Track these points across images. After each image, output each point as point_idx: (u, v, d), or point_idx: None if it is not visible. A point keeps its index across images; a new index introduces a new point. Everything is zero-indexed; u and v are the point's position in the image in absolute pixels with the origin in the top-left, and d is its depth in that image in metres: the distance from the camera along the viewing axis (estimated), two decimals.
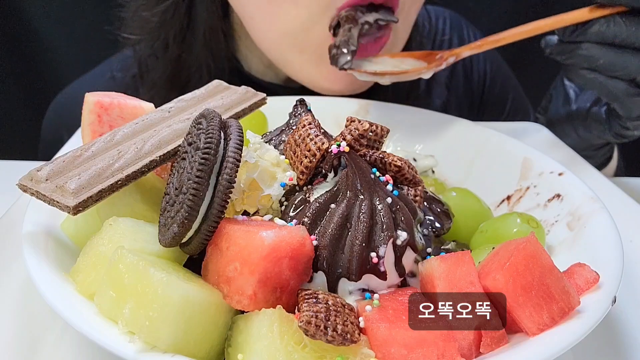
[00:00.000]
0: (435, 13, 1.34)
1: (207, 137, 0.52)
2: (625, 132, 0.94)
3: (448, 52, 0.90)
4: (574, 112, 1.04)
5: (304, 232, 0.53)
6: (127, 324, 0.47)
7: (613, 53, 0.81)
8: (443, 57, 0.89)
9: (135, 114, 0.67)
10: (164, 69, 1.10)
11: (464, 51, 0.90)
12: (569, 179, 0.74)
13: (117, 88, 1.14)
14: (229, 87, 0.72)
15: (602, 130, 0.98)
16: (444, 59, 0.89)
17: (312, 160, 0.59)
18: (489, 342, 0.50)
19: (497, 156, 0.84)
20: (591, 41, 0.81)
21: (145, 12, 1.06)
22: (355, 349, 0.48)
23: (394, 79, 0.87)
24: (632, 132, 0.94)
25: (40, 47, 1.79)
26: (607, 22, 0.79)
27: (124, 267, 0.48)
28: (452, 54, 0.90)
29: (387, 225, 0.55)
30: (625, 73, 0.82)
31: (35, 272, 0.53)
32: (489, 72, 1.32)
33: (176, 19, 1.05)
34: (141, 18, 1.07)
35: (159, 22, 1.06)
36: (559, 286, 0.51)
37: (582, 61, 0.83)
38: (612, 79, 0.83)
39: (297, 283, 0.53)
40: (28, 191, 0.56)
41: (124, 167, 0.57)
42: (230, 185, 0.52)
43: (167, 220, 0.52)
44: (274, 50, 0.98)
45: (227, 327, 0.51)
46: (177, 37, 1.06)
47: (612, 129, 0.96)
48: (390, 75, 0.86)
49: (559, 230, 0.69)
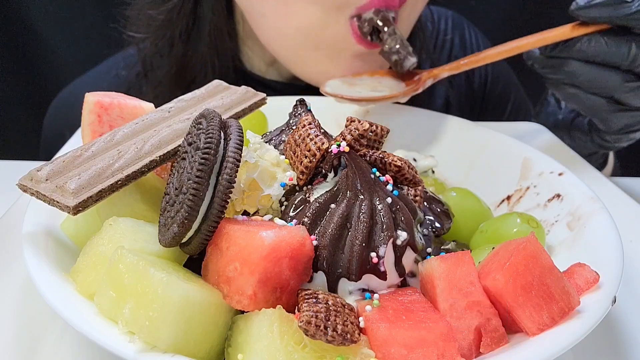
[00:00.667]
0: (438, 13, 1.34)
1: (207, 137, 0.52)
2: (606, 144, 0.96)
3: (427, 72, 0.91)
4: (560, 121, 1.06)
5: (304, 232, 0.53)
6: (127, 324, 0.47)
7: (594, 70, 0.82)
8: (421, 79, 0.89)
9: (135, 114, 0.67)
10: (169, 68, 1.10)
11: (443, 72, 0.90)
12: (569, 179, 0.74)
13: (121, 86, 1.15)
14: (229, 87, 0.72)
15: (585, 141, 1.00)
16: (422, 80, 0.89)
17: (312, 160, 0.59)
18: (489, 342, 0.50)
19: (497, 156, 0.84)
20: (573, 58, 0.82)
21: (151, 10, 1.06)
22: (355, 349, 0.48)
23: (371, 104, 0.89)
24: (613, 144, 0.95)
25: (40, 47, 1.79)
26: (588, 41, 0.80)
27: (124, 267, 0.48)
28: (431, 76, 0.90)
29: (387, 225, 0.55)
30: (605, 90, 0.83)
31: (35, 272, 0.53)
32: (490, 73, 1.33)
33: (182, 17, 1.05)
34: (147, 16, 1.07)
35: (164, 20, 1.06)
36: (559, 286, 0.51)
37: (564, 76, 0.84)
38: (592, 95, 0.85)
39: (297, 283, 0.53)
40: (28, 191, 0.56)
41: (124, 167, 0.57)
42: (230, 185, 0.52)
43: (167, 220, 0.52)
44: (285, 48, 0.98)
45: (227, 327, 0.51)
46: (183, 36, 1.07)
47: (593, 140, 0.97)
48: (367, 102, 0.87)
49: (559, 230, 0.69)
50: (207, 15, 1.04)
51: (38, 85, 1.82)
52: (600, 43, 0.80)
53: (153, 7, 1.06)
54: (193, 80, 1.10)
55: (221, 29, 1.06)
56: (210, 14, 1.04)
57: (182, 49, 1.08)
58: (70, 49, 1.79)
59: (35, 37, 1.77)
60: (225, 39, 1.07)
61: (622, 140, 0.94)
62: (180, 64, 1.09)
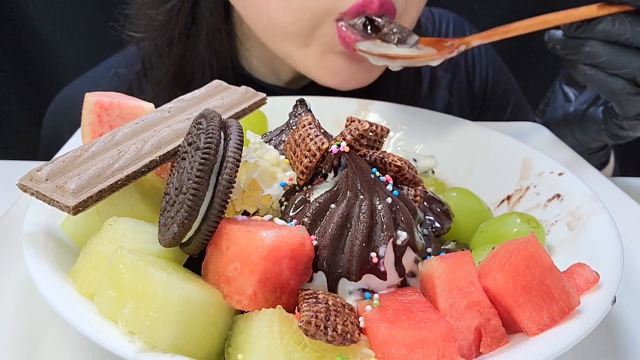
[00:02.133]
0: (439, 15, 1.34)
1: (207, 137, 0.52)
2: (621, 132, 0.95)
3: (458, 40, 0.90)
4: (571, 113, 1.05)
5: (304, 232, 0.53)
6: (127, 324, 0.47)
7: (616, 51, 0.82)
8: (454, 45, 0.88)
9: (135, 114, 0.67)
10: (168, 67, 1.11)
11: (474, 40, 0.89)
12: (569, 179, 0.74)
13: (121, 85, 1.16)
14: (229, 87, 0.72)
15: (598, 131, 0.99)
16: (454, 46, 0.88)
17: (312, 160, 0.59)
18: (489, 342, 0.50)
19: (497, 156, 0.84)
20: (596, 38, 0.82)
21: (151, 10, 1.07)
22: (355, 349, 0.48)
23: (406, 63, 0.86)
24: (628, 132, 0.95)
25: (40, 47, 1.79)
26: (612, 21, 0.80)
27: (124, 267, 0.48)
28: (463, 42, 0.89)
29: (387, 225, 0.55)
30: (626, 72, 0.83)
31: (35, 272, 0.53)
32: (491, 76, 1.33)
33: (181, 17, 1.06)
34: (146, 16, 1.08)
35: (164, 20, 1.07)
36: (559, 286, 0.51)
37: (585, 57, 0.84)
38: (612, 77, 0.85)
39: (297, 283, 0.53)
40: (28, 191, 0.56)
41: (124, 167, 0.57)
42: (230, 185, 0.52)
43: (167, 220, 0.52)
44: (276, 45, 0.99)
45: (227, 327, 0.51)
46: (182, 36, 1.08)
47: (608, 128, 0.97)
48: (402, 60, 0.85)
49: (559, 230, 0.69)
50: (205, 15, 1.05)
51: (38, 85, 1.81)
52: (625, 23, 0.80)
53: (152, 7, 1.07)
54: (192, 79, 1.10)
55: (219, 30, 1.07)
56: (208, 15, 1.05)
57: (181, 48, 1.09)
58: (70, 49, 1.79)
59: (36, 37, 1.77)
60: (223, 39, 1.08)
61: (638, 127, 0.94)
62: (179, 63, 1.10)
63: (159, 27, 1.08)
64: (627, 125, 0.93)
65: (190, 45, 1.08)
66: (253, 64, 1.15)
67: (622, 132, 0.95)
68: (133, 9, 1.10)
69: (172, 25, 1.07)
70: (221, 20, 1.06)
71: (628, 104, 0.88)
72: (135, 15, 1.10)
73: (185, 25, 1.07)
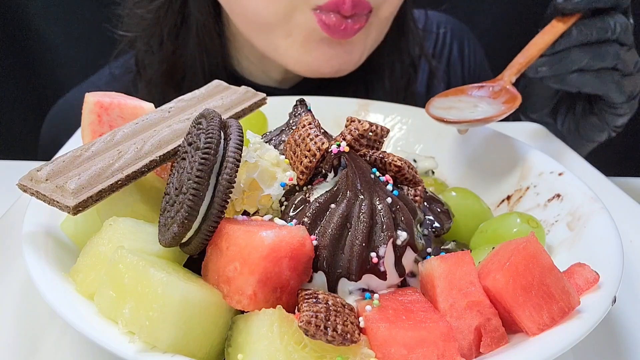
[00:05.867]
0: (438, 20, 1.35)
1: (207, 137, 0.52)
2: (620, 119, 1.04)
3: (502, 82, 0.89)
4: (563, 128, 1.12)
5: (304, 232, 0.53)
6: (127, 324, 0.47)
7: (592, 50, 0.92)
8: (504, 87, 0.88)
9: (135, 114, 0.67)
10: (159, 66, 1.12)
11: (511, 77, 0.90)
12: (569, 179, 0.74)
13: (117, 87, 1.16)
14: (229, 87, 0.72)
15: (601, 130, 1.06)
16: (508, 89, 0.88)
17: (312, 160, 0.59)
18: (489, 342, 0.50)
19: (497, 156, 0.84)
20: (574, 45, 0.91)
21: (140, 9, 1.09)
22: (355, 349, 0.48)
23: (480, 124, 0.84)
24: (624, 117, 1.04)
25: (40, 47, 1.79)
26: (578, 27, 0.91)
27: (124, 267, 0.48)
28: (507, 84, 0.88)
29: (387, 225, 0.55)
30: (607, 63, 0.93)
31: (35, 272, 0.53)
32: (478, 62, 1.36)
33: (170, 15, 1.07)
34: (137, 15, 1.10)
35: (153, 18, 1.08)
36: (559, 286, 0.51)
37: (572, 65, 0.93)
38: (599, 72, 0.94)
39: (297, 283, 0.53)
40: (28, 191, 0.56)
41: (124, 167, 0.57)
42: (230, 185, 0.52)
43: (167, 220, 0.52)
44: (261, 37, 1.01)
45: (227, 327, 0.51)
46: (172, 34, 1.09)
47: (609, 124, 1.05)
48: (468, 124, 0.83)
49: (559, 230, 0.69)
50: (194, 14, 1.07)
51: (38, 85, 1.81)
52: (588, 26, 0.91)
53: (141, 6, 1.09)
54: (183, 78, 1.12)
55: (209, 29, 1.08)
56: (197, 13, 1.07)
57: (171, 47, 1.10)
58: (70, 49, 1.79)
59: (36, 38, 1.77)
60: (213, 37, 1.10)
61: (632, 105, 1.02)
62: (170, 62, 1.12)
63: (149, 25, 1.09)
64: (622, 110, 1.01)
65: (180, 43, 1.10)
66: (243, 64, 1.16)
67: (620, 119, 1.04)
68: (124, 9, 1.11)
69: (162, 24, 1.08)
70: (211, 19, 1.07)
71: (620, 89, 0.97)
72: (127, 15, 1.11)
73: (175, 24, 1.08)
